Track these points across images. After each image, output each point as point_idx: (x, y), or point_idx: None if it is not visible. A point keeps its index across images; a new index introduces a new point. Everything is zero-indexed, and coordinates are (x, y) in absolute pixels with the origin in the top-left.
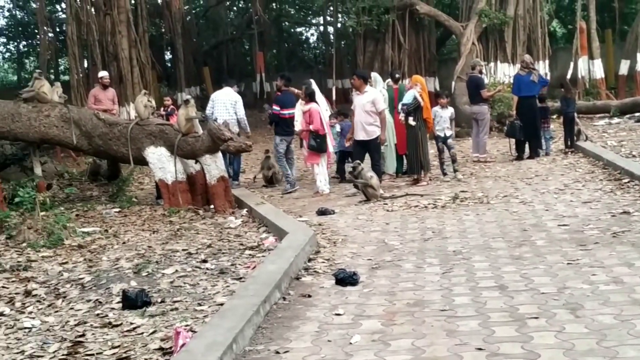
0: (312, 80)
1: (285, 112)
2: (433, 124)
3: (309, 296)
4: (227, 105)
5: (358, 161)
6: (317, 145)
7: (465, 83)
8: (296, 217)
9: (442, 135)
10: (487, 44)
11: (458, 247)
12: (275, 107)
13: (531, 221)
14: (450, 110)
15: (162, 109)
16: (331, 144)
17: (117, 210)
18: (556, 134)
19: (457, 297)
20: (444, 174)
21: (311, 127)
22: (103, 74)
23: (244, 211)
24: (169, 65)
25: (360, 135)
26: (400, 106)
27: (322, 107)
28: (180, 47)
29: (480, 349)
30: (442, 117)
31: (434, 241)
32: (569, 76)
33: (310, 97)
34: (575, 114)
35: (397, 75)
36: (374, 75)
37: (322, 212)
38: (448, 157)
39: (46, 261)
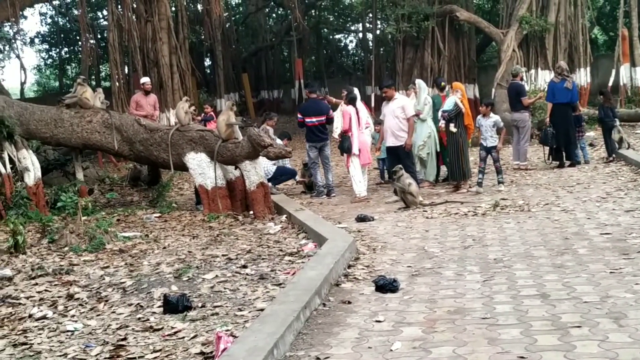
0: (355, 88)
1: (308, 120)
2: (477, 132)
3: (349, 302)
4: None
5: (400, 166)
6: (340, 145)
7: (505, 90)
8: (335, 223)
9: (484, 144)
10: (527, 50)
11: (499, 255)
12: (299, 115)
13: (573, 229)
14: (492, 119)
15: (202, 114)
16: (359, 149)
17: (158, 215)
18: (597, 141)
19: (499, 305)
20: (479, 184)
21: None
22: (145, 80)
23: (283, 217)
24: (209, 71)
25: (390, 141)
26: (440, 113)
27: (362, 114)
28: (220, 54)
29: (522, 357)
30: (484, 126)
31: (475, 249)
32: (610, 84)
33: (351, 102)
34: (618, 122)
35: (442, 83)
36: (418, 82)
37: (361, 219)
38: (489, 165)
39: (88, 265)
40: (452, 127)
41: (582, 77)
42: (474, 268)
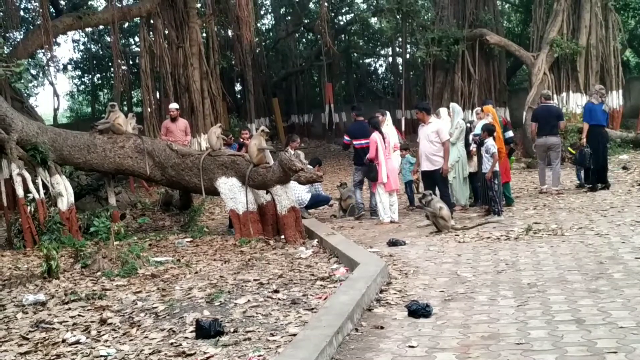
0: (387, 112)
1: (357, 142)
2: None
3: (382, 328)
4: None
5: (430, 191)
6: (369, 174)
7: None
8: (367, 248)
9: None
10: (558, 73)
11: (533, 280)
12: (346, 137)
13: (607, 254)
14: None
15: (238, 139)
16: (388, 174)
17: (189, 240)
18: (631, 164)
19: (533, 330)
20: (494, 212)
21: (367, 155)
22: (171, 106)
23: (315, 242)
24: (239, 96)
25: (425, 166)
26: (471, 137)
27: (393, 138)
28: (250, 79)
29: None
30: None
31: (508, 273)
32: None
33: (374, 127)
34: None
35: (490, 105)
36: (453, 106)
37: (393, 243)
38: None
39: (120, 290)
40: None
41: (615, 99)
42: (508, 293)
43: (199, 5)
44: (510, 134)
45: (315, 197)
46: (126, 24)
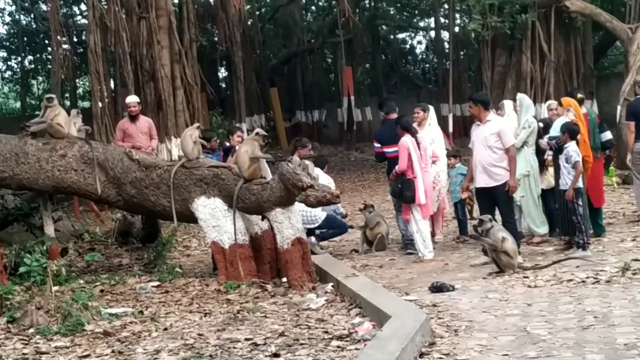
0: (430, 106)
1: (389, 149)
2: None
3: None
4: None
5: (488, 216)
6: (399, 192)
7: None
8: (401, 294)
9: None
10: None
11: (632, 339)
12: (376, 145)
13: None
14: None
15: (226, 143)
16: (428, 193)
17: (156, 284)
18: None
19: None
20: (579, 245)
21: (396, 167)
22: (130, 100)
23: (329, 286)
24: (224, 85)
25: (481, 181)
26: (546, 139)
27: (438, 144)
28: (240, 62)
29: None
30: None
31: (597, 330)
32: None
33: (404, 128)
34: None
35: (579, 95)
36: (520, 97)
37: (437, 288)
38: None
39: (61, 354)
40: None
41: None
42: (597, 357)
43: None
44: (608, 135)
45: (331, 219)
46: None
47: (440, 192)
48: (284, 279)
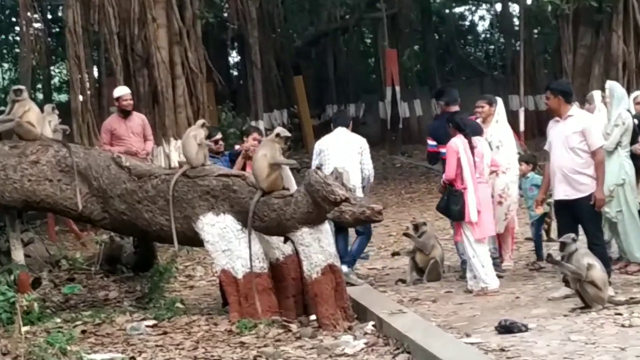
0: (497, 99)
1: (442, 148)
2: None
3: None
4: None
5: (571, 236)
6: (444, 206)
7: None
8: (461, 336)
9: None
10: None
11: None
12: (430, 142)
13: None
14: None
15: (236, 147)
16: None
17: (151, 323)
18: None
19: None
20: None
21: (443, 175)
22: (121, 92)
23: (369, 325)
24: (236, 74)
25: (561, 192)
26: None
27: (508, 144)
28: (256, 43)
29: None
30: None
31: None
32: None
33: (457, 127)
34: None
35: None
36: (611, 86)
37: (506, 329)
38: None
39: None
40: None
41: None
42: None
43: None
44: None
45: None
46: None
47: (509, 208)
48: (313, 317)
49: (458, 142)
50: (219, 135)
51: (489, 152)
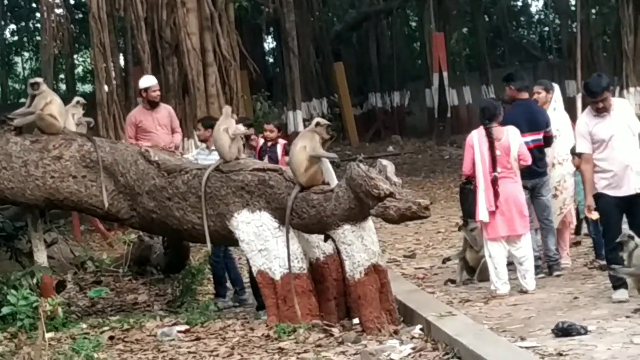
0: (555, 85)
1: (527, 138)
2: None
3: None
4: None
5: (628, 233)
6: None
7: None
8: (515, 339)
9: None
10: None
11: None
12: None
13: None
14: None
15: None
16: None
17: (183, 328)
18: None
19: None
20: None
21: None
22: (149, 82)
23: (417, 329)
24: (272, 61)
25: (624, 187)
26: None
27: (566, 134)
28: (293, 28)
29: None
30: None
31: None
32: None
33: (489, 116)
34: None
35: None
36: None
37: (564, 331)
38: None
39: None
40: None
41: None
42: None
43: None
44: None
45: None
46: None
47: (565, 202)
48: (356, 320)
49: (474, 134)
50: (251, 130)
51: (517, 144)
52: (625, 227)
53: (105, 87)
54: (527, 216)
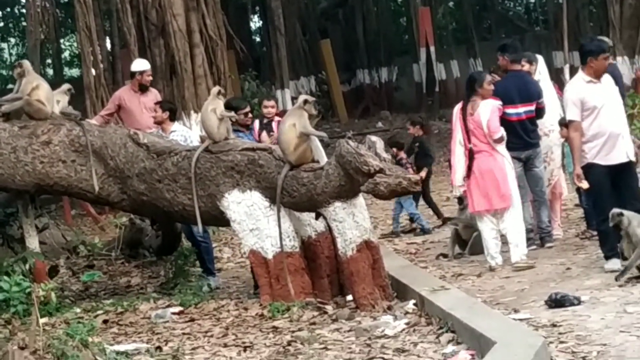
0: (538, 56)
1: (510, 110)
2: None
3: None
4: None
5: (618, 210)
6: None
7: None
8: (509, 312)
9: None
10: None
11: None
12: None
13: None
14: None
15: (256, 120)
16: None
17: (177, 310)
18: None
19: None
20: None
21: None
22: (143, 66)
23: (410, 304)
24: (258, 39)
25: (623, 154)
26: None
27: (552, 104)
28: (279, 6)
29: None
30: None
31: None
32: None
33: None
34: None
35: None
36: None
37: (557, 302)
38: None
39: None
40: None
41: None
42: None
43: None
44: None
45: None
46: None
47: (553, 173)
48: (349, 297)
49: (455, 109)
50: (247, 108)
51: (487, 118)
52: None
53: (93, 71)
54: (508, 191)
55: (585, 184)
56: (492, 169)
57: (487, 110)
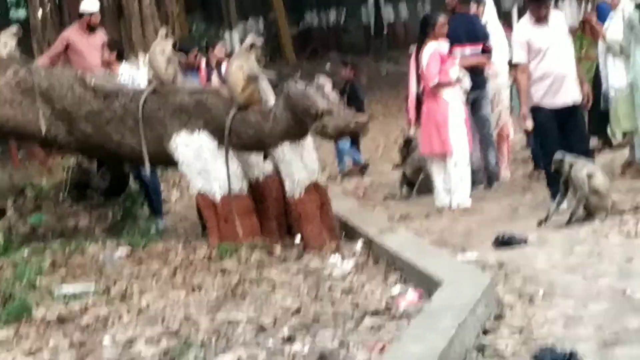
0: None
1: (458, 49)
2: None
3: None
4: None
5: (561, 152)
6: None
7: None
8: (456, 252)
9: None
10: None
11: None
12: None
13: None
14: None
15: (203, 63)
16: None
17: (125, 252)
18: None
19: None
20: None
21: None
22: (93, 7)
23: (359, 245)
24: None
25: (569, 98)
26: None
27: (499, 46)
28: None
29: None
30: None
31: None
32: None
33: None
34: None
35: None
36: None
37: (504, 242)
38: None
39: (2, 349)
40: None
41: None
42: None
43: None
44: None
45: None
46: None
47: (500, 115)
48: (298, 238)
49: (410, 50)
50: (196, 49)
51: (424, 62)
52: None
53: (40, 12)
54: (447, 137)
55: (529, 125)
56: (435, 114)
57: (427, 55)
